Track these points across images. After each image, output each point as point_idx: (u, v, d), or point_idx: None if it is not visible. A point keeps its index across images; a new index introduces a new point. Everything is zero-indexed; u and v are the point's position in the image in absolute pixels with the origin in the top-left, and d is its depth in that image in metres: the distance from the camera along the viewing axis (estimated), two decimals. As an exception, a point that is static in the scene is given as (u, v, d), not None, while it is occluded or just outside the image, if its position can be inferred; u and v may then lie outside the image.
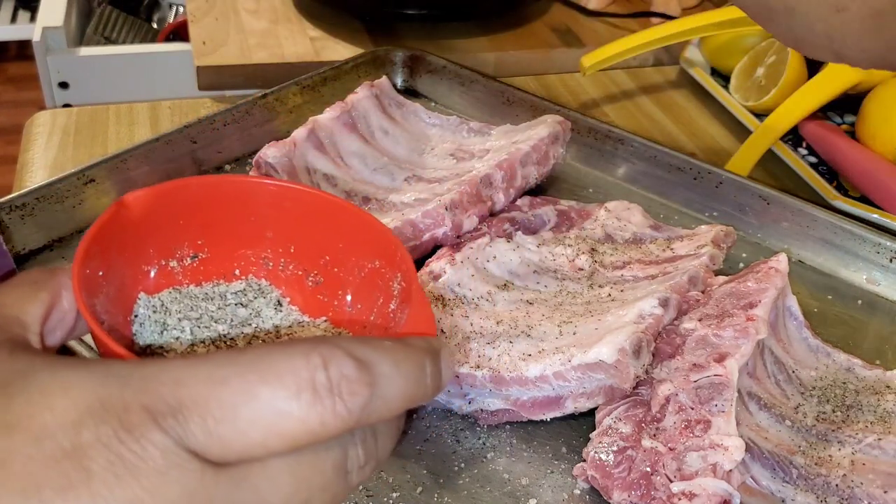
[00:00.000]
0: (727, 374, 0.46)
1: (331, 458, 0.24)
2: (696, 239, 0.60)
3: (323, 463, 0.24)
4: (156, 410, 0.21)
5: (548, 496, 0.45)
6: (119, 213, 0.32)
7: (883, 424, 0.48)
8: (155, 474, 0.21)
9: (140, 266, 0.34)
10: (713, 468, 0.42)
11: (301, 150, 0.62)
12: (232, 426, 0.22)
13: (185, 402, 0.22)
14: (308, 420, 0.22)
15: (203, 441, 0.22)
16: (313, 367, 0.23)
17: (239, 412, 0.22)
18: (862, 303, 0.62)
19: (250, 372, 0.22)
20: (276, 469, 0.23)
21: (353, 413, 0.23)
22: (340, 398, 0.23)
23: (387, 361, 0.24)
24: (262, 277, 0.36)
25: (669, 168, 0.70)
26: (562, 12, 1.05)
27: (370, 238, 0.35)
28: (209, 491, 0.22)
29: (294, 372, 0.23)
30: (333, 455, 0.24)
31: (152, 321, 0.33)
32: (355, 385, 0.23)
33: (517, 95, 0.77)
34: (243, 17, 0.94)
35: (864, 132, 0.77)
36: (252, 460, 0.23)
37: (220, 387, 0.22)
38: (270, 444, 0.22)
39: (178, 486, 0.21)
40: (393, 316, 0.34)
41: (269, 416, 0.22)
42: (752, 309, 0.50)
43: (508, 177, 0.62)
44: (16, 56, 2.78)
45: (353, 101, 0.67)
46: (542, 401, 0.47)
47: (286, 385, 0.22)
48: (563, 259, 0.57)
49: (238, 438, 0.22)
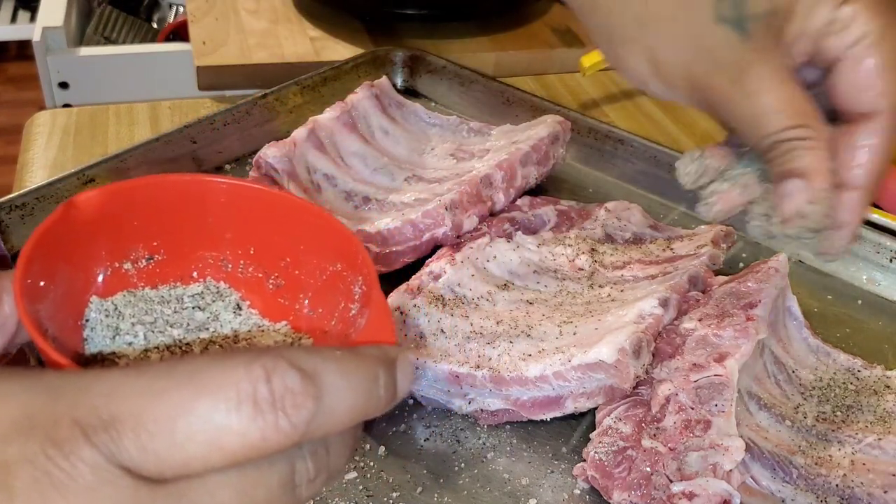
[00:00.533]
0: (727, 374, 0.46)
1: (276, 473, 0.23)
2: (696, 239, 0.60)
3: (268, 478, 0.23)
4: (87, 425, 0.20)
5: (548, 496, 0.45)
6: (68, 213, 0.30)
7: (883, 424, 0.48)
8: (84, 492, 0.20)
9: (92, 268, 0.33)
10: (713, 468, 0.42)
11: (301, 150, 0.62)
12: (168, 441, 0.21)
13: (119, 416, 0.21)
14: (248, 435, 0.21)
15: (137, 457, 0.21)
16: (255, 379, 0.22)
17: (175, 426, 0.21)
18: (862, 303, 0.61)
19: (188, 384, 0.21)
20: (217, 485, 0.22)
21: (298, 427, 0.22)
22: (284, 412, 0.22)
23: (335, 372, 0.23)
24: (221, 280, 0.35)
25: (669, 168, 0.70)
26: (562, 12, 1.05)
27: (331, 240, 0.33)
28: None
29: (234, 384, 0.22)
30: (279, 469, 0.23)
31: (104, 325, 0.32)
32: (300, 398, 0.22)
33: (517, 95, 0.77)
34: (243, 17, 0.94)
35: (864, 132, 0.77)
36: (191, 476, 0.22)
37: (155, 400, 0.21)
38: (209, 459, 0.21)
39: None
40: (353, 321, 0.32)
41: (208, 430, 0.21)
42: (752, 309, 0.50)
43: (508, 177, 0.62)
44: (16, 56, 2.78)
45: (353, 101, 0.67)
46: (542, 401, 0.47)
47: (225, 398, 0.21)
48: (563, 259, 0.57)
49: (175, 454, 0.21)
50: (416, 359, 0.47)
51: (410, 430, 0.48)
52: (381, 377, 0.24)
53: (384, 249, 0.57)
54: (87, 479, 0.20)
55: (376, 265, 0.57)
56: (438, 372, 0.47)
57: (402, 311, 0.50)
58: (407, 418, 0.49)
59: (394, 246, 0.57)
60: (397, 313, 0.50)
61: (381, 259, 0.57)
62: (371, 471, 0.46)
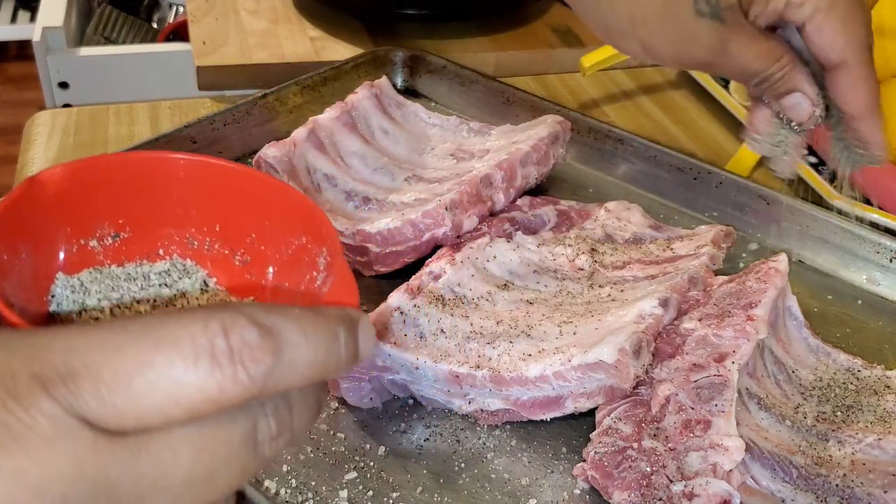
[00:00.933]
0: (727, 374, 0.46)
1: (238, 429, 0.23)
2: (696, 239, 0.60)
3: (229, 434, 0.23)
4: (45, 378, 0.21)
5: (548, 496, 0.45)
6: (32, 190, 0.30)
7: (883, 424, 0.48)
8: (43, 443, 0.20)
9: (57, 245, 0.33)
10: (713, 468, 0.42)
11: (301, 150, 0.62)
12: (125, 393, 0.21)
13: (77, 370, 0.21)
14: (206, 388, 0.22)
15: (95, 409, 0.21)
16: (212, 334, 0.22)
17: (133, 379, 0.21)
18: (862, 303, 0.62)
19: (145, 338, 0.22)
20: (177, 439, 0.22)
21: (256, 381, 0.22)
22: (242, 365, 0.22)
23: (294, 329, 0.23)
24: (188, 257, 0.35)
25: (669, 168, 0.70)
26: (562, 12, 1.05)
27: (296, 213, 0.33)
28: (103, 460, 0.21)
29: (191, 338, 0.22)
30: (241, 426, 0.23)
31: (70, 301, 0.32)
32: (258, 352, 0.22)
33: (517, 95, 0.77)
34: (243, 17, 0.94)
35: (864, 132, 0.77)
36: (150, 430, 0.22)
37: (113, 354, 0.21)
38: (168, 412, 0.21)
39: (68, 455, 0.20)
40: (318, 291, 0.33)
41: (165, 383, 0.21)
42: (752, 309, 0.50)
43: (508, 177, 0.62)
44: (16, 56, 2.78)
45: (353, 101, 0.67)
46: (542, 401, 0.47)
47: (182, 352, 0.21)
48: (563, 259, 0.57)
49: (133, 406, 0.21)
50: (417, 358, 0.47)
51: (410, 430, 0.48)
52: (341, 335, 0.25)
53: (384, 249, 0.57)
54: (47, 430, 0.20)
55: (376, 265, 0.57)
56: (438, 372, 0.47)
57: (402, 311, 0.50)
58: (407, 418, 0.49)
59: (394, 246, 0.57)
60: (397, 313, 0.50)
61: (381, 259, 0.57)
62: (371, 471, 0.46)
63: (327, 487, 0.44)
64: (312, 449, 0.46)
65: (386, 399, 0.50)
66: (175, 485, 0.22)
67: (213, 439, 0.23)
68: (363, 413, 0.49)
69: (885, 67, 0.78)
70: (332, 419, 0.48)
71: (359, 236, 0.57)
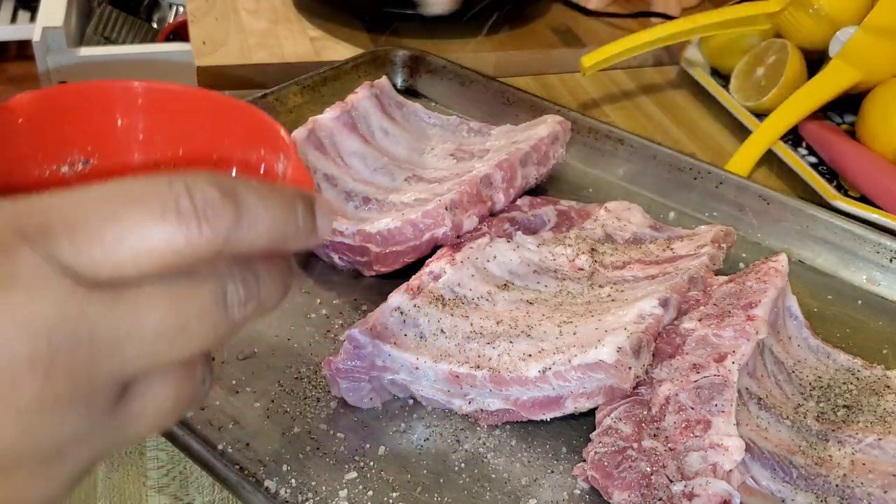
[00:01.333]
0: (727, 374, 0.46)
1: (208, 289, 0.25)
2: (696, 239, 0.60)
3: (199, 291, 0.25)
4: (26, 232, 0.22)
5: (548, 496, 0.45)
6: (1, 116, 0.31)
7: (883, 424, 0.48)
8: (26, 287, 0.22)
9: (29, 170, 0.33)
10: (713, 468, 0.42)
11: (301, 150, 0.62)
12: (100, 245, 0.23)
13: (55, 224, 0.23)
14: (173, 240, 0.23)
15: (73, 259, 0.23)
16: (176, 193, 0.24)
17: (106, 232, 0.23)
18: (862, 303, 0.62)
19: (116, 197, 0.23)
20: (150, 292, 0.24)
21: (219, 234, 0.24)
22: (206, 221, 0.24)
23: (254, 194, 0.25)
24: None
25: (669, 168, 0.70)
26: (562, 12, 1.05)
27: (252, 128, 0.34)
28: (82, 305, 0.22)
29: (158, 196, 0.23)
30: (210, 287, 0.25)
31: None
32: (219, 210, 0.24)
33: (517, 95, 0.77)
34: (243, 17, 0.94)
35: (864, 132, 0.77)
36: (125, 284, 0.23)
37: (87, 211, 0.23)
38: (139, 263, 0.23)
39: (50, 298, 0.22)
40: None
41: (135, 235, 0.23)
42: (752, 309, 0.50)
43: (508, 177, 0.62)
44: (16, 56, 2.78)
45: (353, 101, 0.67)
46: (542, 401, 0.47)
47: (150, 208, 0.23)
48: (563, 259, 0.57)
49: (106, 257, 0.23)
50: (417, 358, 0.47)
51: (410, 430, 0.48)
52: (298, 206, 0.27)
53: (384, 249, 0.57)
54: (29, 276, 0.22)
55: (376, 265, 0.57)
56: (438, 372, 0.47)
57: (402, 311, 0.50)
58: (407, 418, 0.49)
59: (394, 246, 0.57)
60: (397, 313, 0.50)
61: (381, 259, 0.57)
62: (371, 471, 0.46)
63: (327, 487, 0.44)
64: (312, 449, 0.46)
65: (386, 399, 0.50)
66: (150, 333, 0.24)
67: (184, 295, 0.25)
68: (363, 413, 0.49)
69: (886, 67, 0.78)
70: (332, 419, 0.48)
71: (359, 236, 0.57)
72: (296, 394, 0.50)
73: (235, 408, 0.48)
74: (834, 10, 0.81)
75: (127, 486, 0.46)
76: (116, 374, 0.24)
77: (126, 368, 0.24)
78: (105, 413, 0.24)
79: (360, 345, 0.48)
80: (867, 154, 0.75)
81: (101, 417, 0.24)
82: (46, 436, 0.23)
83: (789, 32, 0.85)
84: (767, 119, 0.78)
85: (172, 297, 0.24)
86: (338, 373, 0.48)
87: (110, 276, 0.23)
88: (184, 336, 0.25)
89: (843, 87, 0.78)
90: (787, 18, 0.84)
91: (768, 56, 0.85)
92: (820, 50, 0.84)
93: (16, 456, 0.23)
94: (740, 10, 0.86)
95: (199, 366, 0.27)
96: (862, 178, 0.73)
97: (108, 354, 0.23)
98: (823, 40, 0.82)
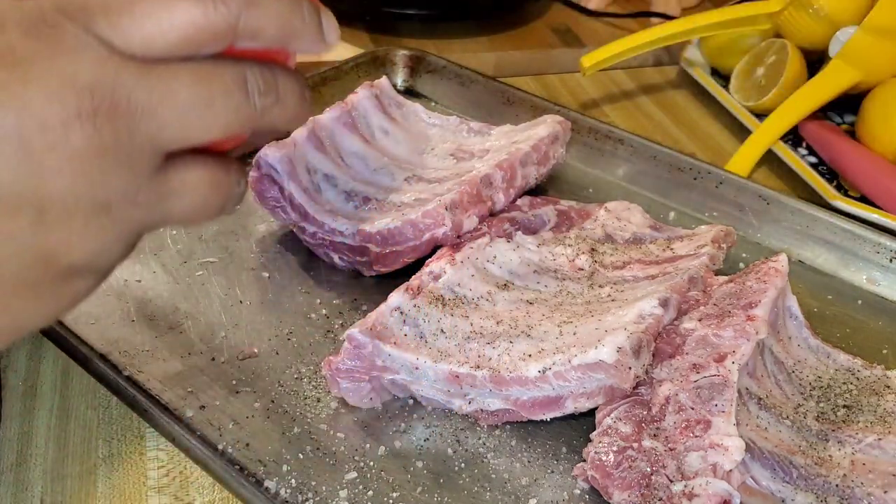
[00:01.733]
0: (727, 374, 0.46)
1: (230, 72, 0.29)
2: (696, 239, 0.60)
3: (222, 70, 0.29)
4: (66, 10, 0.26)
5: (548, 496, 0.45)
6: None
7: (883, 424, 0.48)
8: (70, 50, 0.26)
9: None
10: (713, 468, 0.42)
11: (301, 150, 0.62)
12: (129, 19, 0.27)
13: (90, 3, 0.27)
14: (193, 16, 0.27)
15: (108, 32, 0.27)
16: None
17: (134, 8, 0.27)
18: (862, 303, 0.62)
19: None
20: (178, 67, 0.28)
21: (232, 12, 0.28)
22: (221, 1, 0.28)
23: None
24: None
25: (669, 168, 0.70)
26: (562, 12, 1.05)
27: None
28: (119, 68, 0.26)
29: None
30: (232, 71, 0.29)
31: None
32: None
33: (517, 95, 0.77)
34: (243, 17, 0.93)
35: (864, 132, 0.77)
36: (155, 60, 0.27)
37: None
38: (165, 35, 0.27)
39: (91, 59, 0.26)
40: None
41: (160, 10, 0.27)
42: (752, 309, 0.50)
43: (508, 177, 0.62)
44: (16, 56, 2.78)
45: (353, 101, 0.67)
46: (542, 401, 0.47)
47: None
48: (563, 259, 0.57)
49: (137, 29, 0.27)
50: (417, 358, 0.47)
51: (410, 430, 0.48)
52: (304, 7, 0.30)
53: (384, 249, 0.57)
54: (72, 42, 0.26)
55: (376, 265, 0.57)
56: (438, 372, 0.47)
57: (402, 311, 0.50)
58: (407, 418, 0.49)
59: (394, 246, 0.57)
60: (397, 313, 0.50)
61: (381, 259, 0.57)
62: (371, 471, 0.46)
63: (327, 487, 0.44)
64: (312, 449, 0.46)
65: (386, 399, 0.50)
66: (180, 103, 0.27)
67: (209, 72, 0.28)
68: (363, 413, 0.49)
69: (886, 67, 0.78)
70: (332, 419, 0.48)
71: (359, 236, 0.57)
72: (296, 394, 0.50)
73: (235, 408, 0.48)
74: (834, 10, 0.81)
75: (127, 486, 0.46)
76: (155, 138, 0.27)
77: (161, 134, 0.27)
78: (147, 177, 0.28)
79: (360, 345, 0.48)
80: (867, 154, 0.75)
81: (144, 180, 0.28)
82: (97, 185, 0.26)
83: (789, 32, 0.85)
84: (767, 119, 0.78)
85: (198, 73, 0.28)
86: (338, 373, 0.48)
87: (141, 50, 0.27)
88: (210, 110, 0.28)
89: (843, 87, 0.78)
90: (787, 18, 0.84)
91: (768, 56, 0.85)
92: (820, 50, 0.84)
93: (72, 201, 0.26)
94: (740, 10, 0.86)
95: (233, 165, 0.31)
96: (862, 178, 0.73)
97: (144, 117, 0.27)
98: (823, 40, 0.82)
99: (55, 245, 0.27)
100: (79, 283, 0.28)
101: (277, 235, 0.63)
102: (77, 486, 0.46)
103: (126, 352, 0.51)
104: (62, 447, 0.48)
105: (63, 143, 0.25)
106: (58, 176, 0.25)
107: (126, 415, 0.49)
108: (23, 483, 0.46)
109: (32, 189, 0.25)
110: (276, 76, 0.30)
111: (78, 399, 0.51)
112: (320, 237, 0.59)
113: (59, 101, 0.25)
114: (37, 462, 0.47)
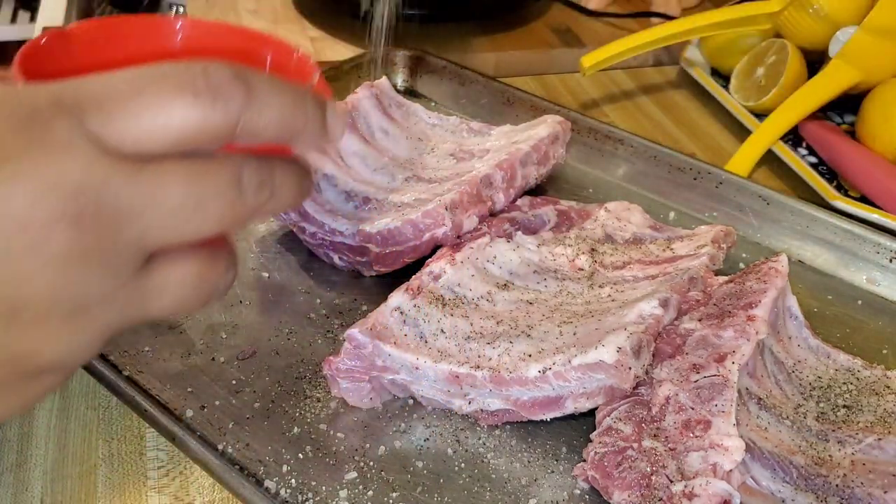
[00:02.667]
0: (727, 374, 0.46)
1: (224, 171, 0.27)
2: (696, 239, 0.60)
3: (216, 172, 0.27)
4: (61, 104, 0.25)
5: (548, 496, 0.45)
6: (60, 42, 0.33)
7: (883, 424, 0.48)
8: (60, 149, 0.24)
9: None
10: (713, 468, 0.42)
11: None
12: (123, 116, 0.25)
13: (86, 97, 0.25)
14: (190, 116, 0.26)
15: (100, 129, 0.25)
16: (194, 74, 0.26)
17: (130, 104, 0.25)
18: (862, 303, 0.62)
19: (141, 76, 0.26)
20: (170, 167, 0.26)
21: (231, 112, 0.26)
22: (220, 98, 0.26)
23: (266, 82, 0.27)
24: None
25: (669, 168, 0.70)
26: (562, 12, 1.05)
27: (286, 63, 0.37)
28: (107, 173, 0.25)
29: (177, 76, 0.26)
30: (227, 168, 0.27)
31: None
32: (232, 89, 0.26)
33: (517, 95, 0.77)
34: (243, 17, 0.94)
35: (864, 132, 0.77)
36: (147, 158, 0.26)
37: (113, 88, 0.26)
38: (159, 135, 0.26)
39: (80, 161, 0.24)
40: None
41: (155, 108, 0.25)
42: (752, 309, 0.50)
43: (508, 177, 0.62)
44: (16, 56, 2.78)
45: (354, 102, 0.67)
46: (542, 401, 0.47)
47: (170, 85, 0.26)
48: (563, 259, 0.57)
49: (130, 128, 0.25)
50: (417, 358, 0.47)
51: (410, 430, 0.48)
52: (309, 101, 0.29)
53: (384, 249, 0.57)
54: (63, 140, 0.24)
55: (376, 265, 0.57)
56: (438, 372, 0.47)
57: (402, 311, 0.50)
58: (407, 418, 0.49)
59: (394, 246, 0.57)
60: (397, 313, 0.50)
61: (381, 259, 0.57)
62: (371, 471, 0.46)
63: (327, 487, 0.44)
64: (312, 449, 0.46)
65: (386, 399, 0.50)
66: (169, 205, 0.26)
67: (201, 171, 0.27)
68: (363, 413, 0.49)
69: (886, 67, 0.78)
70: (332, 419, 0.48)
71: (359, 236, 0.57)
72: (296, 394, 0.50)
73: (235, 408, 0.48)
74: (834, 10, 0.81)
75: (127, 486, 0.46)
76: (139, 241, 0.26)
77: (147, 236, 0.26)
78: (129, 277, 0.26)
79: (360, 345, 0.48)
80: (867, 154, 0.75)
81: (125, 281, 0.26)
82: (75, 288, 0.25)
83: (789, 32, 0.85)
84: (767, 119, 0.78)
85: (190, 174, 0.26)
86: (338, 373, 0.48)
87: (134, 149, 0.25)
88: (200, 212, 0.27)
89: (843, 87, 0.78)
90: (787, 18, 0.84)
91: (768, 56, 0.85)
92: (820, 50, 0.84)
93: (48, 304, 0.25)
94: (740, 10, 0.86)
95: (223, 255, 0.30)
96: (862, 178, 0.73)
97: (130, 220, 0.25)
98: (823, 40, 0.82)
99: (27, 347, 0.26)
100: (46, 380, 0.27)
101: (277, 235, 0.63)
102: (77, 486, 0.46)
103: (126, 352, 0.51)
104: (62, 447, 0.48)
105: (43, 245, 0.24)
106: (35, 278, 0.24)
107: (126, 415, 0.49)
108: (23, 483, 0.46)
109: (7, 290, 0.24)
110: (274, 170, 0.29)
111: (78, 399, 0.51)
112: (320, 237, 0.59)
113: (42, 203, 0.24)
114: (37, 462, 0.47)
